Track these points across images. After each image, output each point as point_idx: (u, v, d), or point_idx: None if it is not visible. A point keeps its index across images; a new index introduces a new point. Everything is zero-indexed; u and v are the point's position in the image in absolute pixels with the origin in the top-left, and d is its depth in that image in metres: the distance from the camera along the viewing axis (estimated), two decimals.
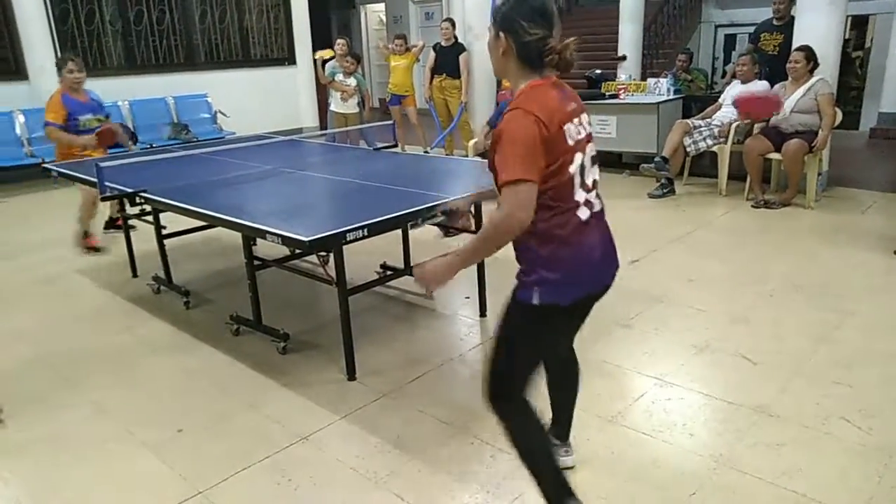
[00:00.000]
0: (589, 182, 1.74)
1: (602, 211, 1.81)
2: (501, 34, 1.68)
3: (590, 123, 1.78)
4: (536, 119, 1.58)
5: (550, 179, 1.64)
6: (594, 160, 1.77)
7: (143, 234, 4.61)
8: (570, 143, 1.66)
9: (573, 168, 1.67)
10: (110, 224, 5.24)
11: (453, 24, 7.60)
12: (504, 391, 1.82)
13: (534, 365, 1.83)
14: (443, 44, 7.60)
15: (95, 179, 3.43)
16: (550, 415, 2.15)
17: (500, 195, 1.61)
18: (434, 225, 4.25)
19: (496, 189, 1.66)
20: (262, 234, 2.60)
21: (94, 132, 4.74)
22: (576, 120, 1.70)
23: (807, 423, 2.45)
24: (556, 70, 1.69)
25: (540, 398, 1.93)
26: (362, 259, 3.98)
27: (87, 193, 4.66)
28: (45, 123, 4.73)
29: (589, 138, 1.75)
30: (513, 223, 1.59)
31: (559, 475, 1.84)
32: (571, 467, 2.20)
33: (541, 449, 1.85)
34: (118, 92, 7.95)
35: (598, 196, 1.79)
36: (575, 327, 1.92)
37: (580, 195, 1.71)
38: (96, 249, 4.87)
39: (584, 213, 1.72)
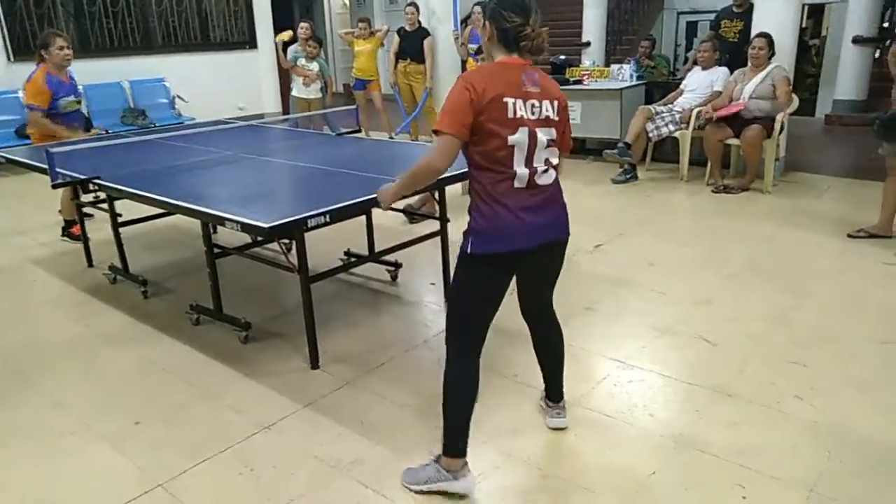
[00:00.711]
0: (538, 159, 1.94)
1: (550, 186, 2.00)
2: (488, 23, 1.95)
3: (557, 112, 1.97)
4: (467, 85, 1.84)
5: (483, 142, 1.88)
6: (550, 143, 1.96)
7: (99, 223, 4.48)
8: (512, 115, 1.87)
9: (514, 139, 1.88)
10: (67, 229, 4.77)
11: (417, 9, 7.52)
12: (452, 339, 2.08)
13: (475, 314, 2.04)
14: (407, 28, 7.52)
15: (46, 166, 3.31)
16: (542, 379, 2.42)
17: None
18: (398, 211, 4.22)
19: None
20: (221, 220, 2.54)
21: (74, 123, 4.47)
22: (532, 101, 1.91)
23: (763, 402, 2.51)
24: (529, 53, 1.93)
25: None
26: (326, 246, 3.93)
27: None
28: (29, 108, 4.35)
29: (547, 122, 1.94)
30: (430, 166, 1.91)
31: (460, 429, 2.08)
32: (564, 428, 2.39)
33: (457, 405, 2.09)
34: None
35: (548, 172, 1.98)
36: (508, 282, 2.06)
37: (521, 167, 1.91)
38: (77, 238, 4.54)
39: (521, 182, 1.92)
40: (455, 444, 2.07)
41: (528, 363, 2.65)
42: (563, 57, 7.65)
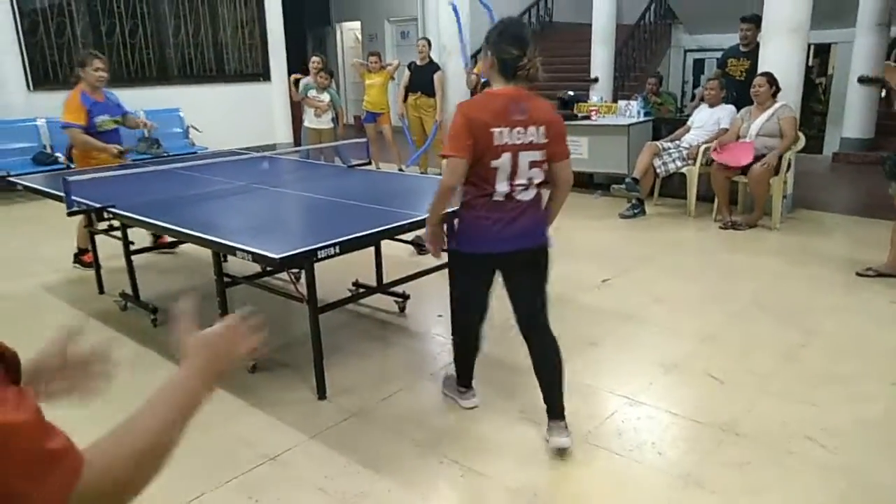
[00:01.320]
0: (520, 177, 2.24)
1: (530, 202, 2.31)
2: (489, 53, 2.24)
3: (543, 136, 2.23)
4: (465, 113, 2.20)
5: (476, 165, 2.21)
6: (533, 164, 2.25)
7: (111, 250, 4.53)
8: (497, 143, 2.18)
9: (497, 163, 2.20)
10: (79, 256, 4.83)
11: (429, 44, 7.67)
12: (453, 318, 2.65)
13: (466, 305, 2.54)
14: (418, 62, 7.66)
15: (62, 193, 3.36)
16: (543, 399, 2.50)
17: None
18: (407, 243, 4.26)
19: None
20: (232, 250, 2.58)
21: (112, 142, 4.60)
22: (518, 128, 2.20)
23: (772, 442, 2.49)
24: (527, 81, 2.21)
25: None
26: (335, 276, 3.95)
27: None
28: (65, 125, 4.46)
29: (531, 146, 2.22)
30: (444, 185, 2.27)
31: (465, 369, 2.72)
32: (567, 448, 2.42)
33: (460, 354, 2.71)
34: None
35: (527, 190, 2.28)
36: (487, 281, 2.44)
37: (503, 185, 2.24)
38: (89, 265, 4.58)
39: (500, 197, 2.25)
40: (460, 375, 2.73)
41: (533, 398, 2.64)
42: (571, 92, 7.74)
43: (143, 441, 0.77)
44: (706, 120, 5.95)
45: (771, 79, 5.31)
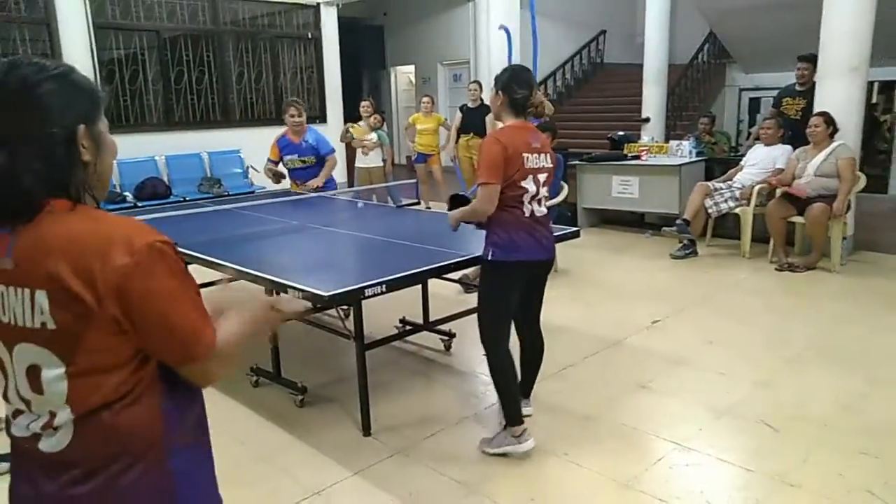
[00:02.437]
0: (538, 197, 2.60)
1: (544, 216, 2.65)
2: (500, 93, 2.61)
3: (549, 161, 2.63)
4: (499, 142, 2.49)
5: (508, 188, 2.51)
6: (544, 183, 2.61)
7: None
8: (527, 166, 2.53)
9: (526, 183, 2.54)
10: None
11: (480, 87, 7.83)
12: (486, 337, 2.68)
13: (501, 312, 2.67)
14: (469, 105, 7.82)
15: None
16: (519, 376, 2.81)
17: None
18: (454, 281, 4.31)
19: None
20: (284, 287, 2.67)
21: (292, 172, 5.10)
22: (534, 154, 2.56)
23: (829, 495, 2.38)
24: (534, 116, 2.67)
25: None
26: (383, 313, 4.02)
27: None
28: (267, 160, 5.16)
29: (543, 170, 2.59)
30: (481, 211, 2.56)
31: (516, 401, 2.72)
32: (529, 415, 2.85)
33: (507, 384, 2.69)
34: (156, 147, 8.30)
35: (541, 204, 2.62)
36: (521, 287, 2.67)
37: (527, 203, 2.56)
38: None
39: (525, 213, 2.57)
40: (514, 413, 2.66)
41: (575, 442, 2.61)
42: (621, 133, 7.75)
43: (232, 341, 1.13)
44: (761, 159, 5.83)
45: (828, 118, 5.20)
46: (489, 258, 2.59)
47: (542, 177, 2.59)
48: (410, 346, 3.94)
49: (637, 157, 6.98)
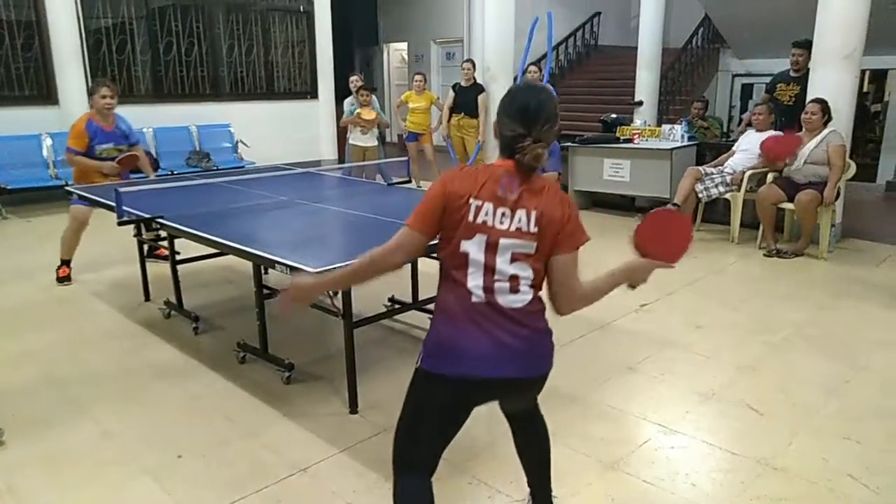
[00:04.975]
0: (500, 275, 1.68)
1: (517, 311, 1.70)
2: (496, 120, 1.76)
3: (535, 224, 1.67)
4: (442, 182, 1.71)
5: (444, 246, 1.73)
6: (517, 257, 1.68)
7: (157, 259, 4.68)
8: (474, 220, 1.67)
9: (467, 246, 1.67)
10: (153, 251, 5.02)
11: (474, 65, 7.77)
12: (394, 454, 1.84)
13: (413, 432, 1.81)
14: (462, 84, 7.75)
15: (114, 204, 3.50)
16: (527, 482, 2.12)
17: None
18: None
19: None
20: (271, 263, 2.64)
21: (115, 159, 4.75)
22: (504, 209, 1.67)
23: (812, 479, 2.40)
24: (521, 166, 1.68)
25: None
26: (372, 292, 3.99)
27: (75, 220, 4.65)
28: (67, 149, 4.70)
29: (517, 234, 1.67)
30: (383, 257, 1.75)
31: None
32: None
33: None
34: (144, 119, 8.17)
35: (514, 293, 1.69)
36: (456, 412, 1.78)
37: (476, 280, 1.68)
38: (66, 280, 4.75)
39: (473, 296, 1.69)
40: None
41: (563, 421, 2.60)
42: (613, 115, 7.71)
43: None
44: (752, 144, 5.83)
45: (825, 106, 5.19)
46: (417, 364, 1.77)
47: (510, 243, 1.67)
48: (399, 324, 3.93)
49: (629, 141, 6.97)
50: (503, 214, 1.67)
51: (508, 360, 1.70)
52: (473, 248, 1.68)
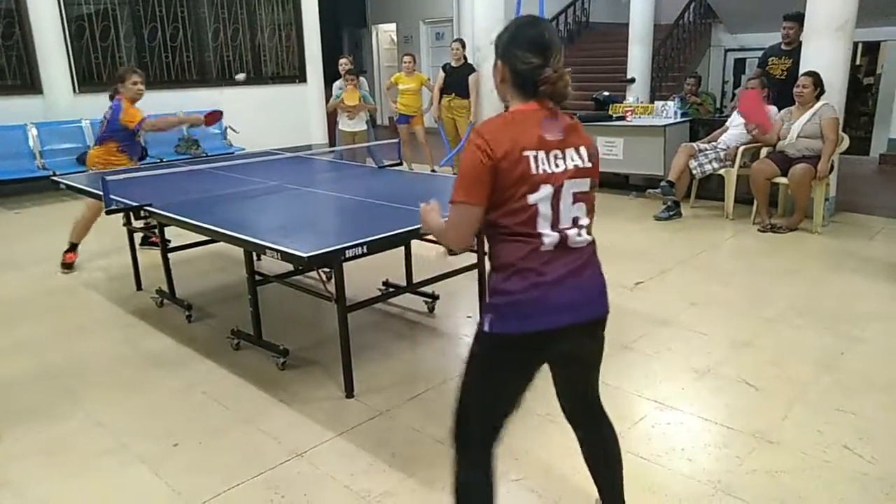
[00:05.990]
0: (565, 219, 1.63)
1: (585, 249, 1.68)
2: (499, 62, 1.66)
3: (589, 159, 1.66)
4: (480, 146, 1.57)
5: (503, 205, 1.60)
6: (578, 197, 1.64)
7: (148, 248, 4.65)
8: (538, 171, 1.58)
9: (535, 198, 1.58)
10: (147, 239, 5.07)
11: (463, 45, 7.69)
12: (461, 431, 1.75)
13: (490, 405, 1.72)
14: (453, 64, 7.68)
15: (102, 192, 3.46)
16: (597, 495, 1.98)
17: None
18: (437, 243, 4.25)
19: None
20: (263, 249, 2.61)
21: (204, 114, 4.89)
22: (556, 151, 1.61)
23: (807, 451, 2.42)
24: (550, 99, 1.62)
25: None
26: (365, 276, 3.98)
27: (90, 211, 4.67)
28: (141, 121, 4.57)
29: (577, 172, 1.63)
30: (447, 237, 1.71)
31: None
32: None
33: None
34: None
35: (579, 234, 1.65)
36: (532, 372, 1.70)
37: (547, 230, 1.61)
38: (69, 266, 4.77)
39: (548, 246, 1.61)
40: None
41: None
42: (606, 93, 7.67)
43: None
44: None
45: (817, 80, 5.16)
46: (486, 329, 1.64)
47: (572, 184, 1.63)
48: (394, 308, 3.92)
49: (622, 118, 6.93)
50: (556, 157, 1.61)
51: (586, 303, 1.71)
52: (541, 199, 1.59)
